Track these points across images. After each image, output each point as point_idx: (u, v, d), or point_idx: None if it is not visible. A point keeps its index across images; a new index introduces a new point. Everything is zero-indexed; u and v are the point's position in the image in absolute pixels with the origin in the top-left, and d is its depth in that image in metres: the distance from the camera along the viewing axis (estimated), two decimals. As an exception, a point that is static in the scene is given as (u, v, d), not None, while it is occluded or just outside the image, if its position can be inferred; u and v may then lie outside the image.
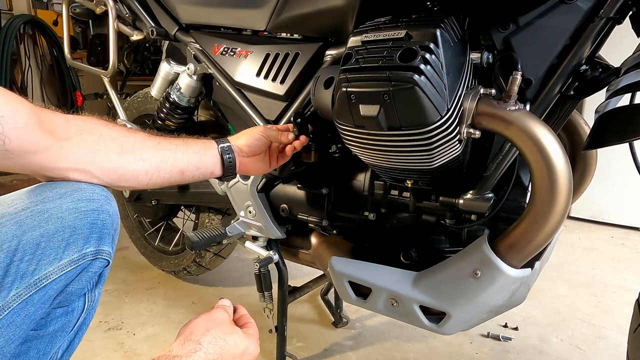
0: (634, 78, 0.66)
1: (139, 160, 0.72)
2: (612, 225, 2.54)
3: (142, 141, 0.74)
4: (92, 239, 0.64)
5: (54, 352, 0.67)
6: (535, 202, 0.71)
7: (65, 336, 0.68)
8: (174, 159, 0.78)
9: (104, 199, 0.67)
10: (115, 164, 0.69)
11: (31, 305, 0.59)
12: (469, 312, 0.81)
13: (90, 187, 0.66)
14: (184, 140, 0.83)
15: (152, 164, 0.74)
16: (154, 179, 0.75)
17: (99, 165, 0.67)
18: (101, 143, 0.68)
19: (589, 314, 1.63)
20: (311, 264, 1.18)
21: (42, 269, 0.60)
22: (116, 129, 0.72)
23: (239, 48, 1.15)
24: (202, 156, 0.83)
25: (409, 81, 0.66)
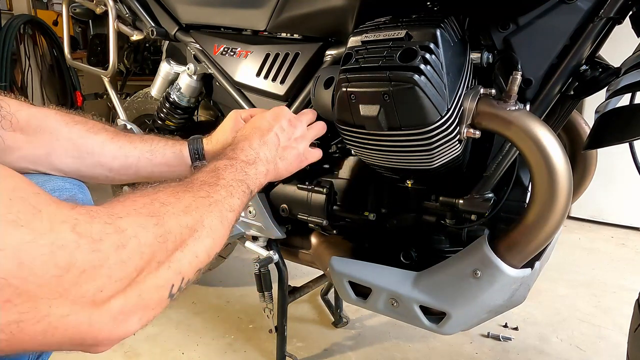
0: (634, 78, 0.66)
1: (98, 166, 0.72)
2: (612, 225, 2.54)
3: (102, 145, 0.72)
4: None
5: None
6: (535, 202, 0.71)
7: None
8: (137, 167, 0.75)
9: (77, 187, 0.66)
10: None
11: None
12: (469, 312, 0.81)
13: (61, 177, 0.66)
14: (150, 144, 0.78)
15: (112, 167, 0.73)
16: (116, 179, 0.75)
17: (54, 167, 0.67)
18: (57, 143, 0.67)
19: (589, 314, 1.63)
20: (311, 264, 1.18)
21: None
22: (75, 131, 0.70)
23: (239, 48, 1.15)
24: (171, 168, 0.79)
25: (409, 81, 0.66)
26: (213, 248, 0.48)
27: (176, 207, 0.45)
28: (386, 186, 0.98)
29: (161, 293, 0.40)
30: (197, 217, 0.46)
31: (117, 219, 0.38)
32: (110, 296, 0.35)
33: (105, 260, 0.34)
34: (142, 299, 0.38)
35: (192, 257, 0.44)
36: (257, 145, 0.67)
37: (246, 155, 0.64)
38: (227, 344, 1.48)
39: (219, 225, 0.49)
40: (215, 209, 0.50)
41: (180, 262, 0.43)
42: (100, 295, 0.34)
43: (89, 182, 0.74)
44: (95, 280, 0.34)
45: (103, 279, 0.34)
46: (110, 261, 0.35)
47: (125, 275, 0.36)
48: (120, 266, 0.36)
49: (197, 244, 0.45)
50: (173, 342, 1.48)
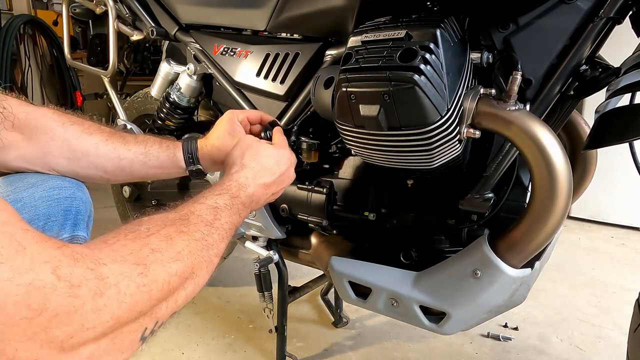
0: (634, 78, 0.66)
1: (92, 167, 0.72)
2: (612, 225, 2.54)
3: (96, 147, 0.72)
4: (67, 225, 0.63)
5: None
6: (535, 202, 0.71)
7: None
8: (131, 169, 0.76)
9: (75, 186, 0.67)
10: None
11: None
12: (469, 312, 0.81)
13: (59, 176, 0.67)
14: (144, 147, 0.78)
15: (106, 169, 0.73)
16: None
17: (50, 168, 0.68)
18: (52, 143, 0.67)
19: (589, 314, 1.63)
20: (311, 264, 1.18)
21: None
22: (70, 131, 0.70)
23: (239, 48, 1.15)
24: (165, 170, 0.80)
25: (409, 81, 0.66)
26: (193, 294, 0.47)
27: (167, 254, 0.43)
28: (386, 186, 0.98)
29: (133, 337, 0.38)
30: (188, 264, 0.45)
31: (100, 265, 0.36)
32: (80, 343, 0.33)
33: (80, 306, 0.33)
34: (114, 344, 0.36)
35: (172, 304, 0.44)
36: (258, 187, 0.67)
37: (246, 194, 0.63)
38: (227, 344, 1.48)
39: (205, 273, 0.49)
40: (206, 254, 0.49)
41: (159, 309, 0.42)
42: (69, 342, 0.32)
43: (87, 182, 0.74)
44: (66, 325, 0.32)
45: (75, 325, 0.33)
46: (85, 308, 0.33)
47: (98, 324, 0.34)
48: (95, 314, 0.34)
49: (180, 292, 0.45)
50: (173, 342, 1.48)
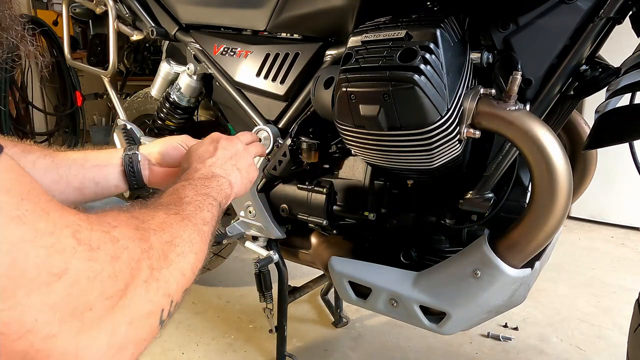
0: (634, 78, 0.66)
1: None
2: (612, 225, 2.54)
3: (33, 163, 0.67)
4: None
5: None
6: (535, 202, 0.71)
7: None
8: (68, 176, 0.70)
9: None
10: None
11: None
12: (469, 312, 0.81)
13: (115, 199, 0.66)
14: (84, 154, 0.74)
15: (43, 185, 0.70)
16: None
17: None
18: None
19: (589, 314, 1.63)
20: (311, 264, 1.18)
21: None
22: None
23: (239, 48, 1.15)
24: (101, 169, 0.74)
25: (409, 81, 0.66)
26: (196, 263, 0.46)
27: (152, 223, 0.43)
28: (386, 186, 0.98)
29: (152, 319, 0.37)
30: (174, 233, 0.45)
31: (112, 228, 0.36)
32: (100, 316, 0.32)
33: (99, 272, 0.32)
34: (133, 327, 0.34)
35: (179, 276, 0.42)
36: (209, 164, 0.65)
37: (201, 173, 0.62)
38: (227, 344, 1.48)
39: (197, 239, 0.48)
40: (189, 223, 0.48)
41: (168, 282, 0.40)
42: (90, 315, 0.31)
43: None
44: (86, 294, 0.31)
45: (95, 293, 0.32)
46: (103, 273, 0.32)
47: (115, 292, 0.33)
48: (112, 280, 0.33)
49: (181, 260, 0.43)
50: (173, 342, 1.48)
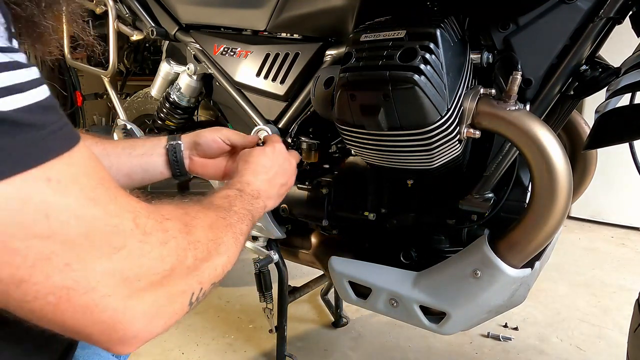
0: (634, 78, 0.66)
1: None
2: (612, 225, 2.54)
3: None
4: None
5: None
6: (535, 202, 0.71)
7: None
8: (118, 164, 0.76)
9: None
10: None
11: None
12: (469, 312, 0.81)
13: None
14: (132, 142, 0.80)
15: None
16: None
17: None
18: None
19: (589, 314, 1.63)
20: (311, 264, 1.18)
21: None
22: None
23: (239, 48, 1.15)
24: (148, 157, 0.79)
25: (409, 81, 0.66)
26: (227, 265, 0.52)
27: (204, 221, 0.49)
28: (386, 186, 0.98)
29: (184, 299, 0.43)
30: (219, 234, 0.51)
31: (164, 220, 0.42)
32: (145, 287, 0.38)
33: (148, 252, 0.38)
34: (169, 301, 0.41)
35: (212, 270, 0.48)
36: (261, 183, 0.71)
37: (252, 189, 0.68)
38: (227, 344, 1.48)
39: (233, 245, 0.54)
40: (230, 230, 0.55)
41: (203, 273, 0.46)
42: (138, 284, 0.37)
43: None
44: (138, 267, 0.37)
45: (144, 268, 0.38)
46: (152, 254, 0.39)
47: (161, 271, 0.39)
48: (159, 261, 0.39)
49: (217, 258, 0.49)
50: (173, 342, 1.48)
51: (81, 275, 0.33)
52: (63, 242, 0.32)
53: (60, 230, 0.32)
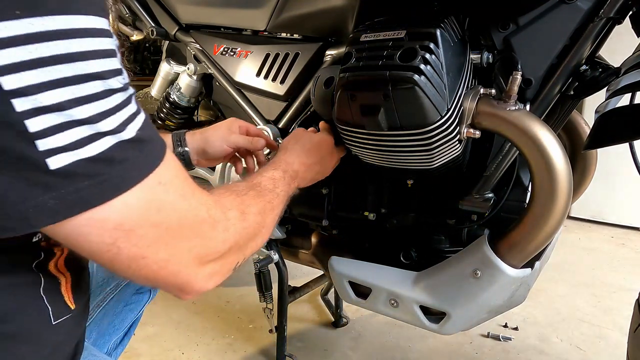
0: (634, 78, 0.66)
1: None
2: (612, 225, 2.54)
3: None
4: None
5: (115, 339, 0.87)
6: (535, 202, 0.71)
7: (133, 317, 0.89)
8: None
9: None
10: None
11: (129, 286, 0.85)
12: (469, 312, 0.81)
13: None
14: None
15: None
16: None
17: None
18: None
19: (589, 314, 1.63)
20: (311, 264, 1.18)
21: None
22: None
23: (239, 48, 1.15)
24: None
25: (409, 81, 0.66)
26: (264, 240, 0.63)
27: (255, 209, 0.58)
28: (386, 186, 0.98)
29: (231, 266, 0.54)
30: (264, 219, 0.61)
31: (227, 210, 0.52)
32: (209, 260, 0.49)
33: (215, 236, 0.49)
34: (222, 269, 0.52)
35: (254, 246, 0.59)
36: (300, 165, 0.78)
37: (292, 170, 0.76)
38: (227, 344, 1.48)
39: (271, 225, 0.64)
40: (272, 213, 0.64)
41: (247, 248, 0.57)
42: (204, 259, 0.48)
43: None
44: (207, 247, 0.48)
45: (211, 249, 0.48)
46: (218, 238, 0.49)
47: (222, 250, 0.50)
48: (222, 243, 0.50)
49: (259, 237, 0.60)
50: (173, 342, 1.48)
51: (174, 252, 0.44)
52: (167, 229, 0.42)
53: (166, 219, 0.42)
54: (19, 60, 0.32)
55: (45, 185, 0.34)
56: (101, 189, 0.36)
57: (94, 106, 0.35)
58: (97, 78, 0.36)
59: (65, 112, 0.34)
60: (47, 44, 0.32)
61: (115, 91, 0.37)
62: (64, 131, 0.34)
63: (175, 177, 0.44)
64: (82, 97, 0.35)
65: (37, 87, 0.33)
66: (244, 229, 0.54)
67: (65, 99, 0.34)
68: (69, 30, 0.33)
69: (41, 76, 0.33)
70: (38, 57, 0.32)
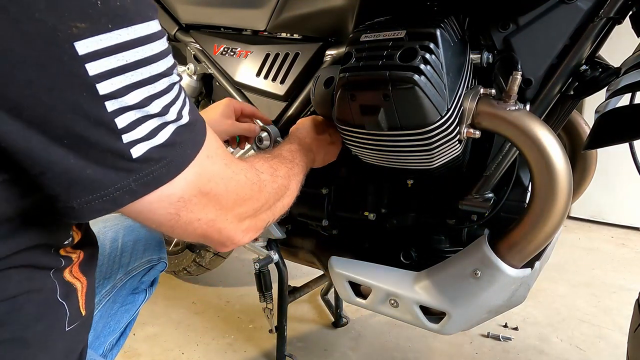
0: (634, 78, 0.66)
1: None
2: (612, 225, 2.54)
3: None
4: (158, 248, 0.92)
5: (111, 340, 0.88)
6: (535, 202, 0.71)
7: (128, 318, 0.91)
8: None
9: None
10: None
11: (124, 287, 0.86)
12: (469, 312, 0.81)
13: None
14: None
15: None
16: None
17: None
18: None
19: (589, 314, 1.63)
20: (311, 264, 1.18)
21: (133, 263, 0.86)
22: None
23: (239, 48, 1.15)
24: None
25: (409, 81, 0.66)
26: (289, 204, 0.70)
27: (281, 172, 0.67)
28: (386, 186, 0.98)
29: (263, 224, 0.62)
30: (289, 183, 0.69)
31: (260, 173, 0.59)
32: (246, 217, 0.56)
33: (251, 196, 0.56)
34: (256, 224, 0.59)
35: (281, 208, 0.67)
36: (312, 140, 0.85)
37: (305, 142, 0.83)
38: (227, 344, 1.48)
39: (294, 189, 0.71)
40: (295, 179, 0.72)
41: (276, 208, 0.65)
42: (243, 215, 0.55)
43: None
44: (245, 206, 0.55)
45: (248, 207, 0.56)
46: (253, 197, 0.56)
47: (257, 208, 0.58)
48: (257, 201, 0.57)
49: (285, 199, 0.67)
50: (173, 342, 1.48)
51: (220, 212, 0.51)
52: (215, 194, 0.49)
53: (215, 187, 0.48)
54: (111, 67, 0.37)
55: (129, 170, 0.40)
56: (167, 170, 0.42)
57: (162, 100, 0.41)
58: (165, 75, 0.41)
59: (143, 109, 0.39)
60: (130, 52, 0.38)
61: (175, 84, 0.43)
62: (141, 124, 0.40)
63: (218, 149, 0.50)
64: (155, 94, 0.40)
65: (124, 89, 0.38)
66: (273, 189, 0.62)
67: (143, 97, 0.39)
68: (144, 37, 0.39)
69: (127, 80, 0.38)
70: (125, 63, 0.37)
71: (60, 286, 0.49)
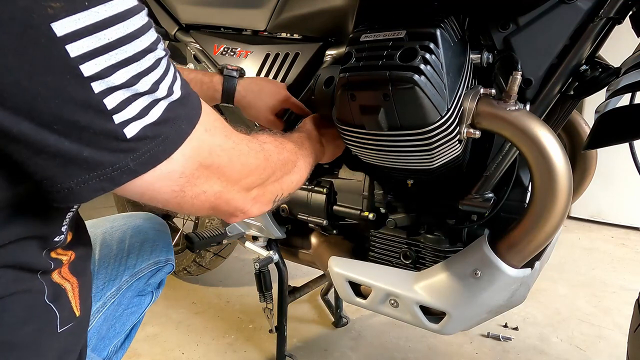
0: (634, 78, 0.65)
1: None
2: (612, 225, 2.54)
3: None
4: (165, 249, 0.92)
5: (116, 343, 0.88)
6: (535, 202, 0.71)
7: (134, 320, 0.90)
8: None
9: (165, 224, 0.97)
10: None
11: (130, 289, 0.85)
12: (469, 312, 0.81)
13: (155, 215, 0.96)
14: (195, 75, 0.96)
15: None
16: None
17: None
18: None
19: (589, 314, 1.63)
20: (311, 264, 1.18)
21: (140, 264, 0.86)
22: None
23: (239, 48, 1.15)
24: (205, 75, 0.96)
25: (409, 81, 0.66)
26: (298, 183, 0.71)
27: (286, 148, 0.67)
28: (386, 186, 0.98)
29: (272, 197, 0.62)
30: (295, 159, 0.70)
31: (264, 143, 0.61)
32: (253, 186, 0.57)
33: (257, 166, 0.56)
34: (264, 195, 0.60)
35: (289, 183, 0.67)
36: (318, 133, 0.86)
37: (315, 135, 0.85)
38: (227, 344, 1.48)
39: (303, 169, 0.72)
40: (303, 158, 0.73)
41: (284, 182, 0.65)
42: (250, 185, 0.56)
43: None
44: (251, 175, 0.55)
45: (255, 177, 0.56)
46: (259, 167, 0.57)
47: (264, 177, 0.58)
48: (263, 170, 0.58)
49: (293, 175, 0.68)
50: (173, 342, 1.48)
51: (226, 183, 0.51)
52: (218, 167, 0.49)
53: (216, 159, 0.48)
54: (93, 47, 0.35)
55: (125, 150, 0.39)
56: (164, 146, 0.42)
57: (151, 77, 0.40)
58: (150, 51, 0.40)
59: (131, 87, 0.38)
60: (111, 29, 0.36)
61: (161, 59, 0.42)
62: (131, 103, 0.39)
63: (216, 121, 0.49)
64: (142, 72, 0.39)
65: (109, 69, 0.36)
66: (280, 160, 0.63)
67: (130, 75, 0.38)
68: (123, 12, 0.37)
69: (111, 59, 0.37)
70: (107, 42, 0.36)
71: (48, 288, 0.48)
